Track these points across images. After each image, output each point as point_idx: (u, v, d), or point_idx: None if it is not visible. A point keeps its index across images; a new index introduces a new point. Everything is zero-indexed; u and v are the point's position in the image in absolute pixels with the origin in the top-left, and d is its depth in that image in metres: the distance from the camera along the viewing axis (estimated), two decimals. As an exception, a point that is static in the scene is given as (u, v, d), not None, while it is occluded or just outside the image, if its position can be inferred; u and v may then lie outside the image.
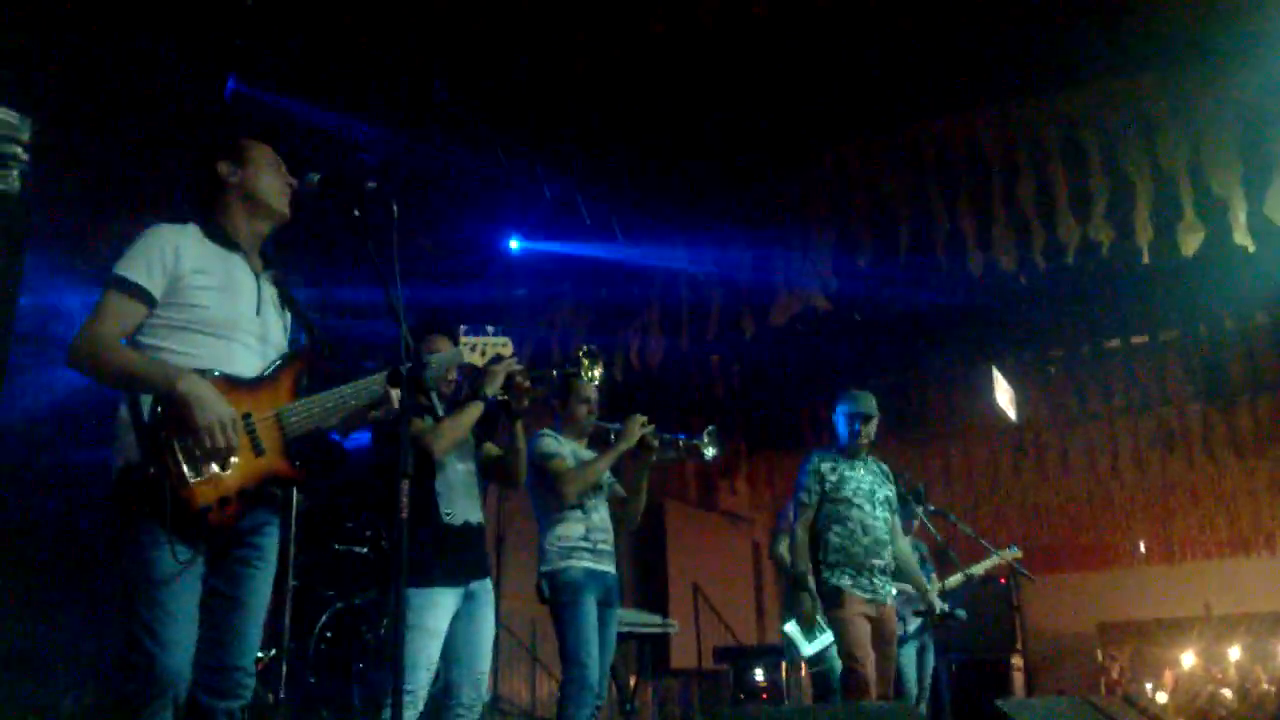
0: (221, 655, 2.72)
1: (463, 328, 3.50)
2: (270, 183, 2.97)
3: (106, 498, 2.70)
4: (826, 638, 6.20)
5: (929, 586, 6.35)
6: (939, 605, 6.10)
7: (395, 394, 2.89)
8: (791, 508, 6.63)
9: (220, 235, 2.91)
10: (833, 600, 5.13)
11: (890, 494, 5.46)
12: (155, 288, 2.73)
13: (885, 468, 5.56)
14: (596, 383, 4.48)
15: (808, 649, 6.25)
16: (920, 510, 6.64)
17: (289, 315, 3.07)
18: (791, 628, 6.28)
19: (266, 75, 5.39)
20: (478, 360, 3.54)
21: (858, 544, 5.20)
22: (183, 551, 2.60)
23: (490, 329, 3.55)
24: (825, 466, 5.34)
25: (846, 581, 5.12)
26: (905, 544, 5.94)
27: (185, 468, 2.57)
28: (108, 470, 2.71)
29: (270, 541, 2.87)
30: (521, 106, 6.35)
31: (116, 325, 2.69)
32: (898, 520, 5.53)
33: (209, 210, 2.96)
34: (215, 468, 2.63)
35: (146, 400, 2.61)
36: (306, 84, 5.49)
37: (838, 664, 6.26)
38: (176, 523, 2.56)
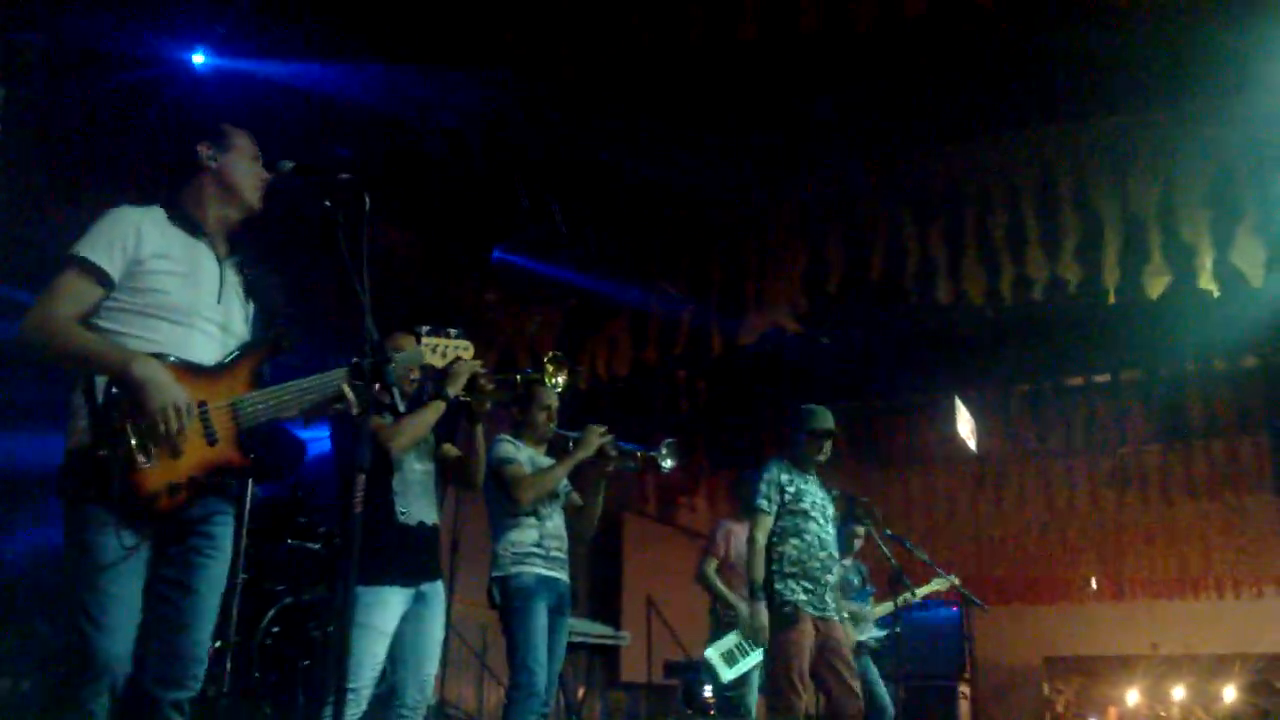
0: (173, 643, 2.69)
1: (424, 328, 3.48)
2: (247, 173, 2.95)
3: (55, 476, 2.65)
4: (748, 662, 6.19)
5: (867, 608, 6.40)
6: (853, 635, 6.14)
7: (352, 393, 2.87)
8: (724, 528, 6.65)
9: (185, 220, 2.88)
10: (787, 619, 5.06)
11: (833, 513, 5.48)
12: (114, 269, 2.69)
13: (829, 488, 5.57)
14: (560, 389, 4.47)
15: (728, 674, 6.22)
16: (863, 531, 6.69)
17: (253, 305, 3.04)
18: (712, 653, 6.24)
19: (241, 46, 5.30)
20: (438, 362, 3.53)
21: (815, 558, 5.17)
22: (128, 537, 2.57)
23: (452, 331, 3.54)
24: (784, 477, 5.31)
25: (802, 597, 5.07)
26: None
27: (136, 452, 2.54)
28: (59, 453, 2.66)
29: (224, 530, 2.83)
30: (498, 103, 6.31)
31: (71, 306, 2.65)
32: None
33: (178, 191, 2.93)
34: (167, 452, 2.60)
35: (101, 382, 2.57)
36: (282, 54, 5.41)
37: (753, 694, 6.26)
38: (124, 507, 2.53)
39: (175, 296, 2.76)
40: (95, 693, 2.52)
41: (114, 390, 2.56)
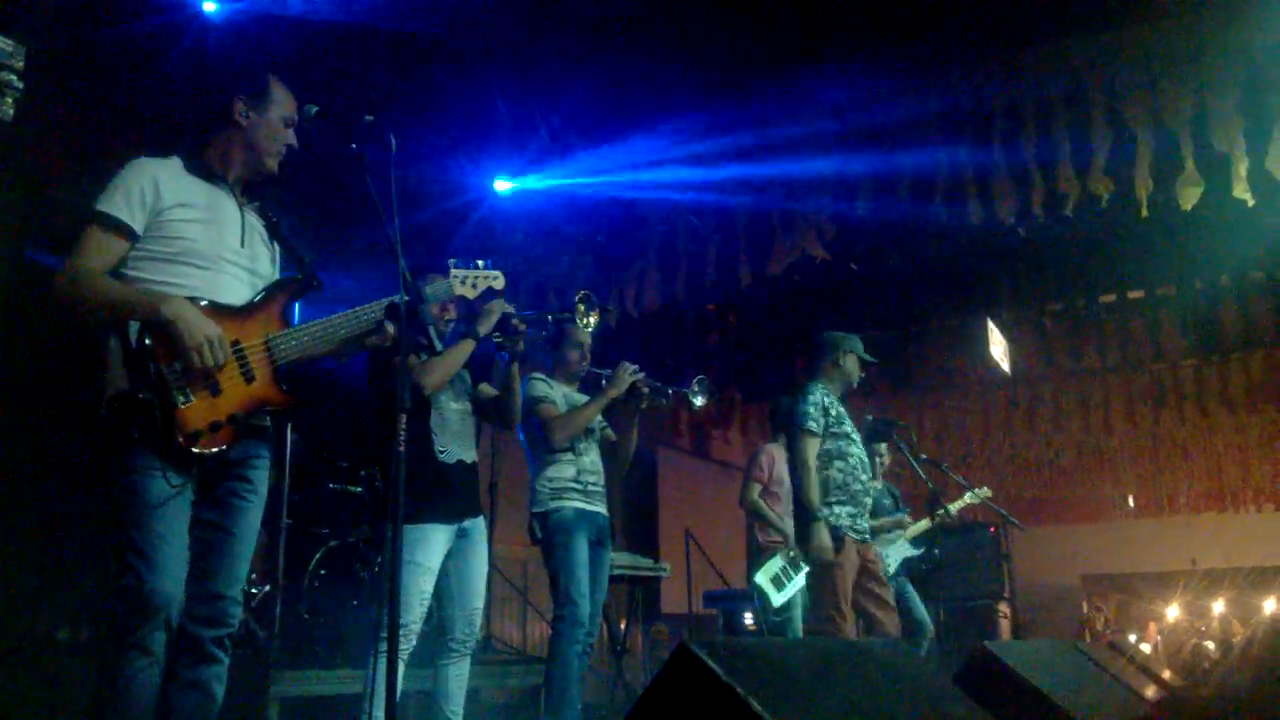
0: (209, 584, 2.76)
1: (452, 260, 3.47)
2: (273, 139, 2.97)
3: (96, 424, 2.72)
4: (795, 585, 6.24)
5: (900, 516, 6.43)
6: (888, 557, 6.19)
7: (391, 327, 2.90)
8: (766, 452, 6.64)
9: (203, 169, 2.91)
10: (833, 544, 5.03)
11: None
12: (135, 221, 2.75)
13: (857, 412, 5.59)
14: (592, 329, 4.48)
15: (778, 599, 6.26)
16: (885, 449, 6.70)
17: (278, 248, 3.08)
18: (761, 578, 6.28)
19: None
20: (469, 293, 3.51)
21: (858, 481, 5.15)
22: (175, 477, 2.64)
23: (481, 262, 3.52)
24: (827, 400, 5.27)
25: (846, 521, 5.06)
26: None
27: (174, 392, 2.61)
28: (98, 399, 2.73)
29: (260, 474, 2.90)
30: (511, 34, 6.21)
31: (99, 259, 2.71)
32: None
33: (201, 142, 2.95)
34: (206, 391, 2.65)
35: (134, 328, 2.64)
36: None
37: (799, 617, 6.31)
38: (168, 448, 2.60)
39: (199, 242, 2.82)
40: (153, 629, 2.60)
41: (147, 334, 2.62)
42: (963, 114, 6.79)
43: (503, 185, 7.73)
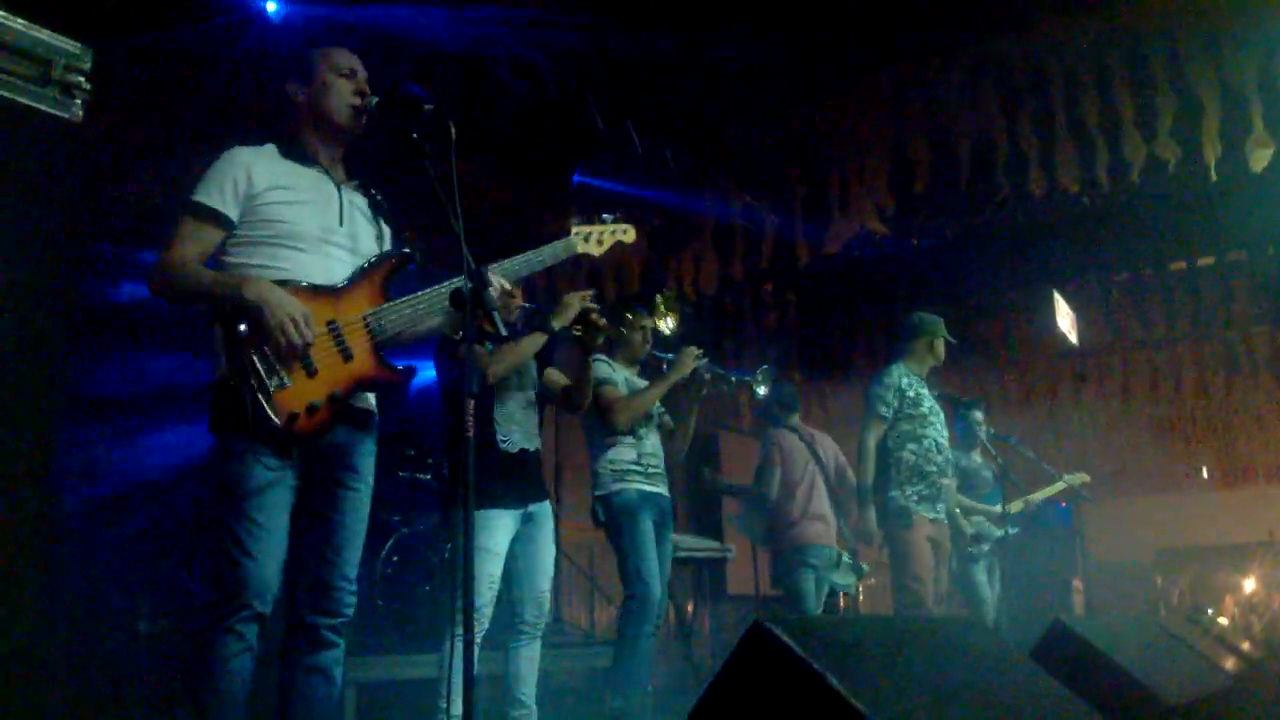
0: (323, 573, 2.81)
1: (574, 218, 3.36)
2: (338, 98, 2.95)
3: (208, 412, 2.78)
4: None
5: (996, 507, 6.34)
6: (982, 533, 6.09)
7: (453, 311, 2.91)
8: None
9: (298, 152, 2.95)
10: (902, 519, 5.06)
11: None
12: (229, 209, 2.79)
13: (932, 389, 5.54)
14: (670, 332, 4.49)
15: None
16: (984, 433, 6.55)
17: (384, 225, 3.10)
18: None
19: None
20: (595, 249, 3.38)
21: (931, 462, 5.14)
22: (273, 463, 2.68)
23: (607, 216, 3.37)
24: (904, 381, 5.24)
25: (915, 502, 5.07)
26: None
27: (269, 377, 2.63)
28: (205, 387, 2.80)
29: (366, 463, 2.94)
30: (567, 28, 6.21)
31: (193, 247, 2.76)
32: None
33: (286, 129, 3.00)
34: (302, 373, 2.67)
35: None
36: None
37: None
38: (262, 432, 2.63)
39: (297, 224, 2.84)
40: (246, 619, 2.65)
41: (242, 320, 2.64)
42: (1021, 82, 6.66)
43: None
